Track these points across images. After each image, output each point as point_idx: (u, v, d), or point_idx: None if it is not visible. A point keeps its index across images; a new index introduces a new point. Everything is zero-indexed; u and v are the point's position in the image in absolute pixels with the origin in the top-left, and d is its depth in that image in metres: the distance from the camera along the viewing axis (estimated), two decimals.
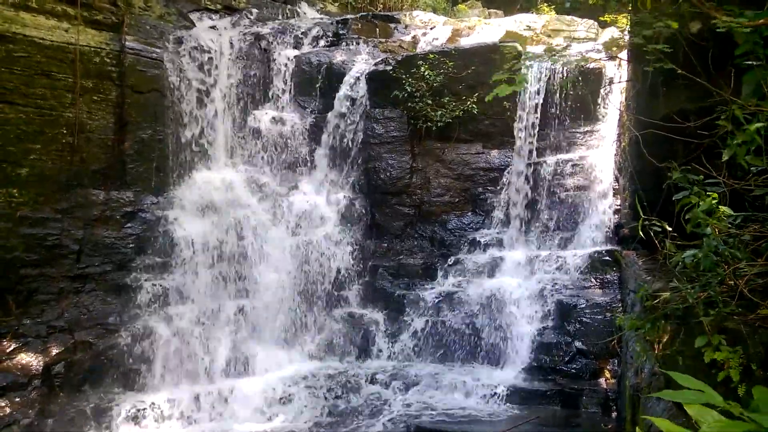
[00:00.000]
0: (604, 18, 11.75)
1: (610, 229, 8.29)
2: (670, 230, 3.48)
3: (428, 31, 11.71)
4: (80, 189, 7.95)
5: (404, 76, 9.61)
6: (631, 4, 6.03)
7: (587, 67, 8.87)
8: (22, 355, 6.90)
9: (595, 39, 11.77)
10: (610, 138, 8.94)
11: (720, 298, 2.95)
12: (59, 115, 7.82)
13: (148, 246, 8.09)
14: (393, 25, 11.99)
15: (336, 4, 13.86)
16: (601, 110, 9.27)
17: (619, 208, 8.26)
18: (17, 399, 6.57)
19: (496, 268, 8.47)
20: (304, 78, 10.06)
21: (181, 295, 8.03)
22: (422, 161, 9.72)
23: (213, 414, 7.05)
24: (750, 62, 3.00)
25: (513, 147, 9.46)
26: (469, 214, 9.46)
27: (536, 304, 7.71)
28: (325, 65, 10.08)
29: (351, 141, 9.69)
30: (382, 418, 6.66)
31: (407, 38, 11.48)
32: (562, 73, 9.09)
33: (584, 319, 7.22)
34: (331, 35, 11.00)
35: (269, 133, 9.59)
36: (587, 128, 9.35)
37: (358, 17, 11.75)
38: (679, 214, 3.31)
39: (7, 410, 6.45)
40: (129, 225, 8.09)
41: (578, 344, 7.04)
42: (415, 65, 9.65)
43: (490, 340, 7.76)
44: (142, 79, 8.52)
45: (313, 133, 9.80)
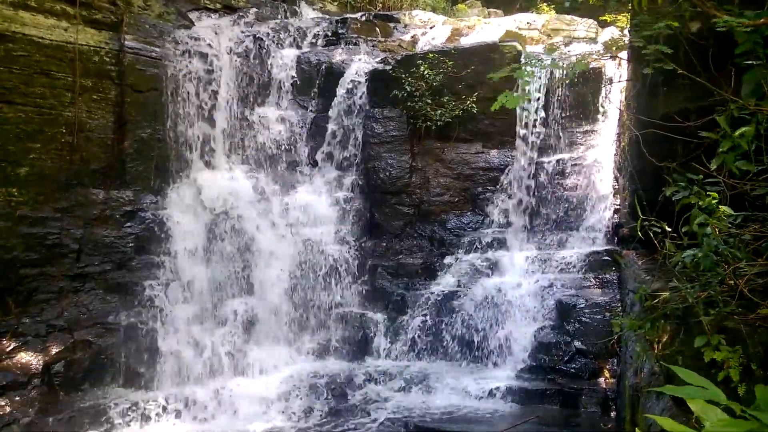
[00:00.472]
0: (603, 17, 11.75)
1: (610, 229, 8.30)
2: (669, 230, 3.48)
3: (428, 31, 11.71)
4: (80, 188, 7.94)
5: (404, 76, 9.60)
6: (630, 4, 6.03)
7: (587, 68, 8.85)
8: (22, 354, 6.89)
9: (594, 39, 11.77)
10: (610, 137, 8.95)
11: (720, 297, 2.96)
12: (59, 114, 7.81)
13: (148, 245, 8.09)
14: (392, 25, 11.99)
15: (335, 3, 13.85)
16: (600, 110, 9.28)
17: (618, 207, 8.26)
18: (17, 398, 6.57)
19: (495, 267, 8.48)
20: (304, 77, 10.05)
21: (181, 295, 8.03)
22: (422, 161, 9.72)
23: (212, 413, 7.05)
24: (750, 61, 3.00)
25: (513, 146, 9.47)
26: (469, 213, 9.46)
27: (535, 304, 7.71)
28: (324, 64, 10.08)
29: (350, 140, 9.69)
30: (381, 417, 6.65)
31: (407, 38, 11.47)
32: (562, 72, 9.09)
33: (583, 319, 7.23)
34: (330, 34, 10.99)
35: (269, 133, 9.59)
36: (587, 128, 9.36)
37: (358, 17, 11.75)
38: (679, 213, 3.31)
39: (7, 409, 6.44)
40: (129, 224, 8.09)
41: (577, 344, 7.05)
42: (415, 65, 9.65)
43: (489, 340, 7.76)
44: (142, 78, 8.51)
45: (313, 133, 9.80)
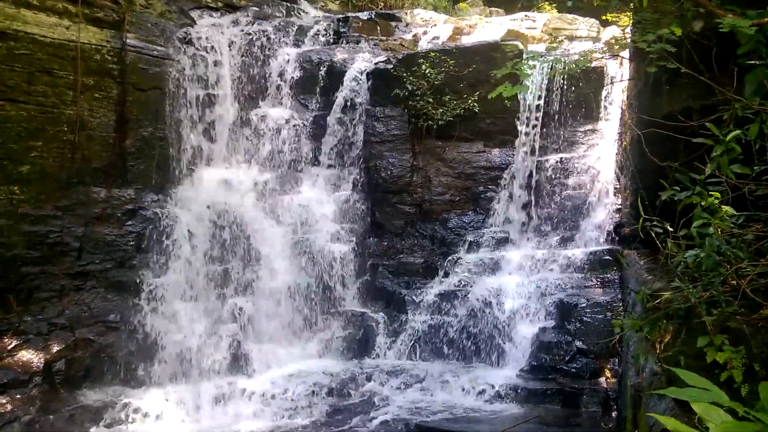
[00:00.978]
0: (605, 17, 11.72)
1: (611, 229, 8.29)
2: (671, 230, 3.47)
3: (429, 30, 11.70)
4: (81, 186, 7.94)
5: (405, 75, 9.60)
6: (632, 4, 6.02)
7: (588, 65, 8.84)
8: (23, 353, 6.90)
9: (596, 38, 11.75)
10: (612, 137, 8.93)
11: (722, 298, 2.95)
12: (60, 112, 7.81)
13: (149, 244, 8.09)
14: (394, 24, 11.98)
15: (337, 2, 13.84)
16: (602, 109, 9.26)
17: (620, 207, 8.25)
18: (18, 396, 6.57)
19: (496, 267, 8.47)
20: (305, 76, 10.04)
21: (182, 293, 8.03)
22: (423, 160, 9.72)
23: (213, 412, 7.05)
24: (752, 61, 2.99)
25: (514, 146, 9.46)
26: (470, 212, 9.46)
27: (537, 303, 7.71)
28: (326, 63, 10.07)
29: (352, 139, 9.69)
30: (381, 416, 6.65)
31: (408, 36, 11.46)
32: (563, 70, 9.08)
33: (585, 319, 7.23)
34: (332, 33, 10.98)
35: (270, 131, 9.59)
36: (589, 127, 9.35)
37: (359, 15, 11.74)
38: (681, 213, 3.30)
39: (8, 407, 6.45)
40: (130, 223, 8.09)
41: (579, 343, 7.04)
42: (416, 63, 9.64)
43: (491, 339, 7.76)
44: (144, 77, 8.51)
45: (314, 131, 9.80)
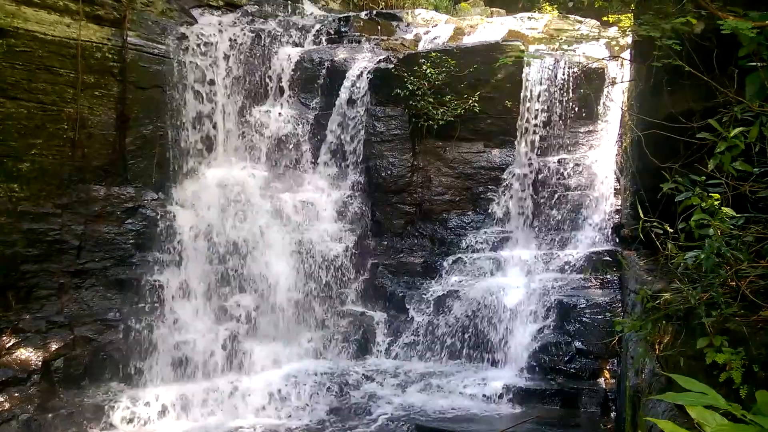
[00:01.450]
0: (606, 18, 11.71)
1: (611, 229, 8.29)
2: (671, 231, 3.46)
3: (430, 30, 11.69)
4: (81, 184, 7.94)
5: (406, 75, 9.59)
6: (634, 4, 6.01)
7: (589, 66, 8.85)
8: (22, 351, 6.90)
9: (597, 38, 11.73)
10: (612, 138, 8.93)
11: (722, 299, 2.94)
12: (61, 110, 7.80)
13: (149, 242, 8.09)
14: (395, 23, 11.98)
15: (338, 1, 13.83)
16: (603, 110, 9.26)
17: (620, 208, 8.25)
18: (16, 394, 6.58)
19: (496, 267, 8.48)
20: (306, 75, 10.04)
21: (181, 292, 8.04)
22: (423, 160, 9.72)
23: (212, 410, 7.05)
24: (753, 63, 2.99)
25: (514, 146, 9.46)
26: (470, 213, 9.46)
27: (536, 304, 7.71)
28: (326, 63, 10.07)
29: (352, 139, 9.68)
30: (381, 416, 6.66)
31: (409, 36, 11.45)
32: (565, 72, 9.08)
33: (584, 319, 7.23)
34: (333, 33, 10.98)
35: (270, 130, 9.59)
36: (589, 128, 9.35)
37: (361, 15, 11.73)
38: (681, 214, 3.29)
39: (6, 405, 6.45)
40: (130, 221, 8.09)
41: (578, 344, 7.05)
42: (417, 63, 9.64)
43: (490, 340, 7.76)
44: (144, 75, 8.51)
45: (315, 131, 9.79)
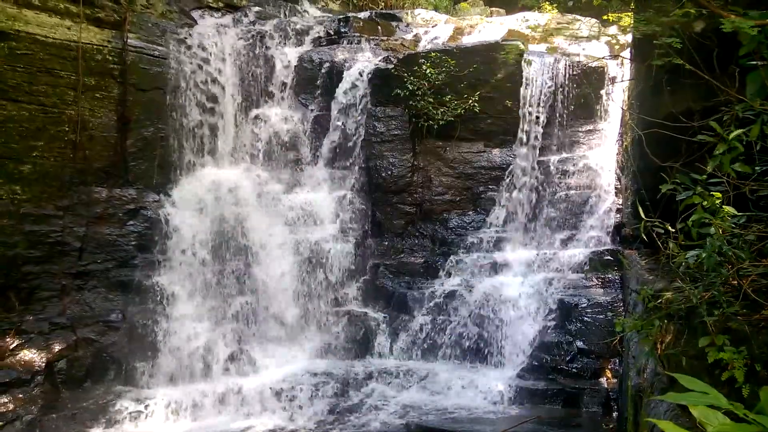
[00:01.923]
0: (606, 17, 11.71)
1: (612, 229, 8.29)
2: (672, 230, 3.47)
3: (430, 30, 11.69)
4: (83, 186, 7.96)
5: (406, 75, 9.60)
6: (634, 3, 6.01)
7: (589, 65, 8.85)
8: (25, 352, 6.92)
9: (597, 38, 11.74)
10: (613, 137, 8.93)
11: (724, 298, 2.94)
12: (62, 112, 7.82)
13: (150, 243, 8.10)
14: (395, 24, 11.98)
15: (338, 2, 13.84)
16: (603, 109, 9.26)
17: (620, 207, 8.25)
18: (20, 395, 6.60)
19: (497, 267, 8.48)
20: (306, 76, 10.04)
21: (183, 293, 8.05)
22: (423, 160, 9.72)
23: (214, 411, 7.06)
24: (754, 62, 2.99)
25: (515, 146, 9.46)
26: (471, 212, 9.46)
27: (537, 303, 7.71)
28: (326, 63, 10.07)
29: (352, 139, 9.69)
30: (382, 415, 6.67)
31: (409, 36, 11.46)
32: (565, 71, 9.08)
33: (585, 319, 7.23)
34: (332, 33, 10.98)
35: (271, 131, 9.59)
36: (589, 127, 9.35)
37: (360, 15, 11.74)
38: (682, 213, 3.30)
39: (10, 406, 6.47)
40: (131, 222, 8.10)
41: (579, 344, 7.05)
42: (417, 63, 9.64)
43: (491, 339, 7.77)
44: (145, 77, 8.52)
45: (315, 131, 9.80)
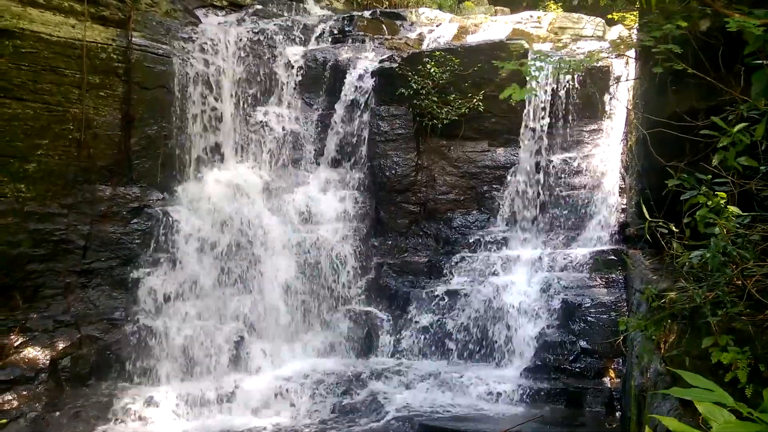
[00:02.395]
0: (611, 16, 11.69)
1: (616, 228, 8.27)
2: (677, 230, 3.46)
3: (434, 29, 11.69)
4: (87, 185, 7.97)
5: (410, 74, 9.59)
6: (638, 2, 5.99)
7: (594, 65, 8.81)
8: (29, 349, 6.94)
9: (602, 37, 11.72)
10: (617, 136, 8.91)
11: (727, 298, 2.94)
12: (66, 110, 7.83)
13: (154, 242, 8.11)
14: (399, 23, 11.97)
15: (342, 0, 13.84)
16: (608, 108, 9.24)
17: (625, 207, 8.23)
18: (24, 392, 6.62)
19: (501, 266, 8.46)
20: (310, 75, 10.05)
21: (186, 291, 8.06)
22: (428, 159, 9.71)
23: (217, 410, 7.07)
24: (759, 61, 2.98)
25: (519, 145, 9.44)
26: (475, 212, 9.46)
27: (541, 303, 7.70)
28: (330, 62, 10.08)
29: (356, 138, 9.69)
30: (385, 415, 6.66)
31: (413, 35, 11.45)
32: (569, 69, 9.04)
33: (589, 318, 7.22)
34: (336, 32, 10.99)
35: (274, 130, 9.60)
36: (594, 126, 9.33)
37: (364, 14, 11.74)
38: (687, 213, 3.28)
39: (15, 403, 6.50)
40: (135, 221, 8.12)
41: (583, 343, 7.03)
42: (421, 62, 9.63)
43: (495, 339, 7.76)
44: (149, 76, 8.53)
45: (319, 130, 9.81)
